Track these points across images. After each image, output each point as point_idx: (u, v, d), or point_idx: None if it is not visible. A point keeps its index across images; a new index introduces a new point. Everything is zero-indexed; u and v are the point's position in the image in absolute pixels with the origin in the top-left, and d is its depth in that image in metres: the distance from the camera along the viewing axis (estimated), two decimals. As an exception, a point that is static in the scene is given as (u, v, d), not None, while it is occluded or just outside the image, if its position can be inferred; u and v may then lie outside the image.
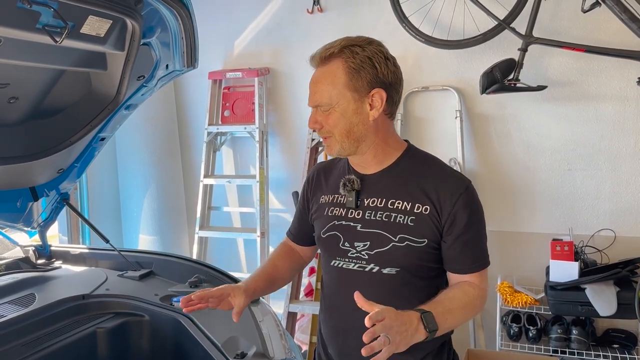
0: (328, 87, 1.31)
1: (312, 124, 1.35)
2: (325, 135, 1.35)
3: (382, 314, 1.08)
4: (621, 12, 2.33)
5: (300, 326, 3.19)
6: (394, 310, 1.12)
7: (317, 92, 1.32)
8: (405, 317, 1.13)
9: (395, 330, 1.09)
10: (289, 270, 1.61)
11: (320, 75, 1.33)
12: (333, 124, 1.32)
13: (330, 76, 1.31)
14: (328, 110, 1.32)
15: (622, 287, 2.45)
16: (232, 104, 3.46)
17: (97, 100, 1.83)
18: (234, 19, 3.44)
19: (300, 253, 1.65)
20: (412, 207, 1.33)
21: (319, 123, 1.34)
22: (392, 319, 1.09)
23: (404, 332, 1.11)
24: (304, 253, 1.66)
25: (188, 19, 1.71)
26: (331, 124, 1.32)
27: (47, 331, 1.65)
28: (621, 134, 2.72)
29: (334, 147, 1.35)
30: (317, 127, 1.34)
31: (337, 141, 1.33)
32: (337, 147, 1.34)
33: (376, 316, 1.07)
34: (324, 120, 1.33)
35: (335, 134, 1.33)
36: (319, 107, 1.33)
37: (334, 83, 1.30)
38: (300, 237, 1.63)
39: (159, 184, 3.52)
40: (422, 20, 2.88)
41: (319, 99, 1.32)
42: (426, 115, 3.08)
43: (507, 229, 2.95)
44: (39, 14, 1.31)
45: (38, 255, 2.27)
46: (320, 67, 1.34)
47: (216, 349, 1.55)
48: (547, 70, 2.79)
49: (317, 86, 1.33)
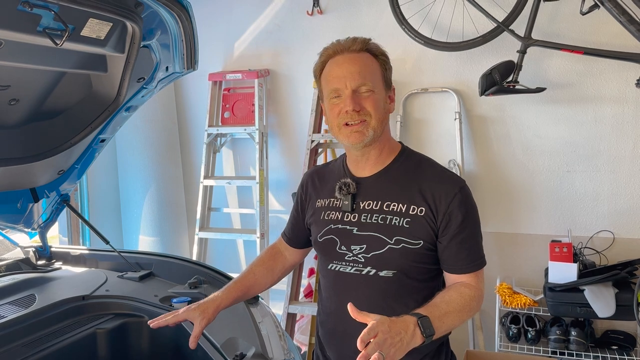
0: (370, 72, 1.33)
1: (353, 105, 1.30)
2: (362, 118, 1.32)
3: (375, 330, 1.05)
4: (620, 15, 2.33)
5: (299, 327, 3.19)
6: (387, 320, 1.09)
7: (362, 73, 1.32)
8: (400, 325, 1.11)
9: (390, 343, 1.06)
10: (269, 276, 1.62)
11: (360, 59, 1.34)
12: (373, 108, 1.32)
13: (370, 62, 1.34)
14: (368, 93, 1.32)
15: (620, 289, 2.46)
16: (232, 105, 3.47)
17: (98, 102, 1.84)
18: (234, 20, 3.45)
19: (287, 256, 1.66)
20: (408, 209, 1.33)
21: (359, 105, 1.31)
22: (384, 332, 1.06)
23: (398, 342, 1.08)
24: (292, 256, 1.67)
25: (188, 21, 1.72)
26: (371, 107, 1.32)
27: (47, 332, 1.65)
28: (620, 135, 2.73)
29: (366, 132, 1.32)
30: (357, 108, 1.31)
31: (371, 127, 1.32)
32: (369, 132, 1.32)
33: (368, 335, 1.04)
34: (364, 102, 1.32)
35: (373, 117, 1.32)
36: (361, 89, 1.32)
37: (374, 70, 1.34)
38: (294, 240, 1.64)
39: (159, 185, 3.53)
40: (421, 22, 2.88)
41: (363, 80, 1.31)
42: (425, 117, 3.08)
43: (506, 230, 2.95)
44: (40, 16, 1.32)
45: (38, 256, 2.28)
46: (355, 54, 1.34)
47: (215, 350, 1.55)
48: (546, 72, 2.80)
49: (361, 67, 1.32)
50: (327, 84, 1.37)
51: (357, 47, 1.35)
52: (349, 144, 1.35)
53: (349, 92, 1.31)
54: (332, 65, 1.36)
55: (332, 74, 1.35)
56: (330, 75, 1.36)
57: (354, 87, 1.31)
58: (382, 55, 1.37)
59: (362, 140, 1.33)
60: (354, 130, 1.32)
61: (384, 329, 1.07)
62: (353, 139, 1.33)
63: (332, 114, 1.36)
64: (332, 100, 1.35)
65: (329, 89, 1.36)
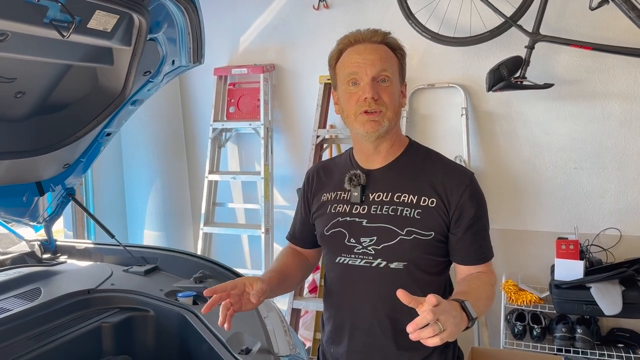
0: (389, 62, 1.33)
1: (372, 92, 1.29)
2: (379, 109, 1.30)
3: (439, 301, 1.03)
4: (629, 10, 2.31)
5: (304, 322, 3.19)
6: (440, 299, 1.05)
7: (383, 61, 1.31)
8: (449, 306, 1.07)
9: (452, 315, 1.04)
10: (299, 269, 1.56)
11: (381, 50, 1.33)
12: (390, 98, 1.31)
13: (390, 55, 1.34)
14: (387, 83, 1.32)
15: (627, 287, 2.44)
16: (237, 100, 3.46)
17: (104, 95, 1.84)
18: (240, 15, 3.44)
19: (304, 254, 1.60)
20: (419, 200, 1.33)
21: (377, 94, 1.30)
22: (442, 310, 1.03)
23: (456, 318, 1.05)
24: (308, 255, 1.61)
25: (195, 14, 1.71)
26: (388, 99, 1.31)
27: (52, 325, 1.66)
28: (628, 132, 2.71)
29: (382, 122, 1.31)
30: (376, 97, 1.30)
31: (387, 117, 1.31)
32: (385, 123, 1.31)
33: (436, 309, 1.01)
34: (382, 92, 1.31)
35: (389, 109, 1.31)
36: (379, 78, 1.31)
37: (393, 62, 1.35)
38: (303, 240, 1.59)
39: (164, 180, 3.53)
40: (428, 17, 2.86)
41: (384, 67, 1.31)
42: (432, 113, 3.07)
43: (513, 227, 2.94)
44: (47, 8, 1.31)
45: (44, 249, 2.28)
46: (375, 44, 1.34)
47: (221, 344, 1.56)
48: (554, 68, 2.78)
49: (382, 56, 1.32)
50: (345, 69, 1.35)
51: (377, 38, 1.35)
52: (364, 133, 1.33)
53: (368, 79, 1.30)
54: (351, 53, 1.35)
55: (351, 60, 1.34)
56: (350, 61, 1.34)
57: (373, 75, 1.30)
58: (399, 50, 1.38)
59: (377, 130, 1.31)
60: (371, 119, 1.31)
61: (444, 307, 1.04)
62: (369, 127, 1.31)
63: (349, 102, 1.34)
64: (349, 88, 1.34)
65: (345, 74, 1.34)
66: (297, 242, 1.61)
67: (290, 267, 1.52)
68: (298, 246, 1.61)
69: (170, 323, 1.79)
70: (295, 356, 1.59)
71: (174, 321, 1.77)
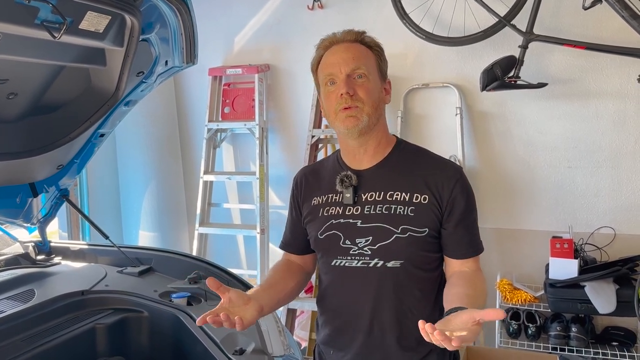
0: (364, 59, 1.35)
1: (347, 88, 1.31)
2: (355, 104, 1.32)
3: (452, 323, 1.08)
4: (622, 10, 2.32)
5: (299, 323, 3.19)
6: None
7: (356, 59, 1.33)
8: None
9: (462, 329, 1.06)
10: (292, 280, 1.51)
11: (354, 48, 1.36)
12: (367, 94, 1.33)
13: (365, 52, 1.37)
14: (363, 79, 1.33)
15: (621, 285, 2.45)
16: (232, 100, 3.45)
17: (97, 96, 1.83)
18: (234, 15, 3.44)
19: (300, 264, 1.57)
20: (411, 197, 1.34)
21: (352, 89, 1.32)
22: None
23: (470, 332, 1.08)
24: (304, 263, 1.58)
25: (187, 14, 1.71)
26: (365, 93, 1.32)
27: (47, 327, 1.65)
28: (621, 131, 2.72)
29: (360, 117, 1.32)
30: (351, 92, 1.31)
31: (365, 112, 1.32)
32: (364, 118, 1.32)
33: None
34: (358, 88, 1.33)
35: (366, 104, 1.32)
36: (355, 74, 1.33)
37: (369, 58, 1.36)
38: (297, 246, 1.56)
39: (158, 181, 3.52)
40: (422, 17, 2.87)
41: (358, 65, 1.33)
42: (426, 112, 3.07)
43: (507, 226, 2.95)
44: (38, 9, 1.31)
45: (38, 251, 2.27)
46: (349, 43, 1.37)
47: (215, 345, 1.55)
48: (547, 68, 2.79)
49: (355, 54, 1.34)
50: (323, 70, 1.38)
51: (351, 37, 1.37)
52: (344, 129, 1.34)
53: (343, 76, 1.33)
54: (327, 56, 1.38)
55: (327, 61, 1.37)
56: (326, 63, 1.37)
57: (347, 72, 1.33)
58: (376, 47, 1.40)
59: (357, 125, 1.32)
60: (349, 115, 1.32)
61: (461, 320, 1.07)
62: (348, 123, 1.33)
63: (328, 101, 1.37)
64: (327, 87, 1.36)
65: (323, 75, 1.37)
66: (291, 250, 1.58)
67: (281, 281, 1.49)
68: (293, 253, 1.58)
69: (164, 324, 1.79)
70: (290, 356, 1.59)
71: (168, 322, 1.77)
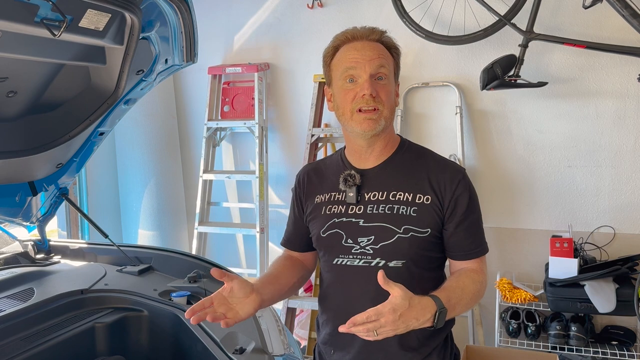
0: (386, 60, 1.34)
1: (371, 89, 1.29)
2: (377, 106, 1.30)
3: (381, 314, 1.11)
4: (622, 9, 2.32)
5: (299, 322, 3.19)
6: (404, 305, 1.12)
7: (379, 60, 1.31)
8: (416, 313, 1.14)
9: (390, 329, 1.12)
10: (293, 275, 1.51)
11: (378, 47, 1.34)
12: (387, 96, 1.32)
13: (385, 53, 1.35)
14: (384, 81, 1.32)
15: (621, 284, 2.45)
16: (231, 99, 3.45)
17: (96, 94, 1.83)
18: (234, 13, 3.43)
19: (301, 259, 1.57)
20: (414, 197, 1.34)
21: (375, 91, 1.30)
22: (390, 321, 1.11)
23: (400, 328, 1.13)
24: (305, 260, 1.57)
25: (187, 13, 1.71)
26: (386, 95, 1.32)
27: (46, 326, 1.65)
28: (621, 130, 2.72)
29: (379, 121, 1.31)
30: (374, 94, 1.30)
31: (384, 116, 1.32)
32: (382, 121, 1.32)
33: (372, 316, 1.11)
34: (380, 90, 1.31)
35: (385, 107, 1.32)
36: (377, 75, 1.31)
37: (389, 60, 1.35)
38: (298, 243, 1.56)
39: (158, 179, 3.52)
40: (422, 16, 2.87)
41: (382, 64, 1.32)
42: (426, 111, 3.07)
43: (507, 226, 2.95)
44: (37, 7, 1.30)
45: (37, 250, 2.27)
46: (372, 42, 1.34)
47: (215, 344, 1.55)
48: (547, 67, 2.79)
49: (380, 54, 1.32)
50: (342, 64, 1.34)
51: (375, 36, 1.35)
52: (360, 131, 1.33)
53: (366, 76, 1.30)
54: (348, 50, 1.34)
55: (348, 56, 1.33)
56: (347, 57, 1.33)
57: (371, 72, 1.30)
58: (395, 49, 1.38)
59: (374, 129, 1.31)
60: (368, 117, 1.31)
61: (391, 318, 1.11)
62: (366, 126, 1.31)
63: (345, 98, 1.33)
64: (345, 84, 1.33)
65: (342, 69, 1.33)
66: (292, 247, 1.58)
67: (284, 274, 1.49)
68: (294, 250, 1.58)
69: (164, 323, 1.78)
70: (290, 355, 1.59)
71: (168, 321, 1.77)
